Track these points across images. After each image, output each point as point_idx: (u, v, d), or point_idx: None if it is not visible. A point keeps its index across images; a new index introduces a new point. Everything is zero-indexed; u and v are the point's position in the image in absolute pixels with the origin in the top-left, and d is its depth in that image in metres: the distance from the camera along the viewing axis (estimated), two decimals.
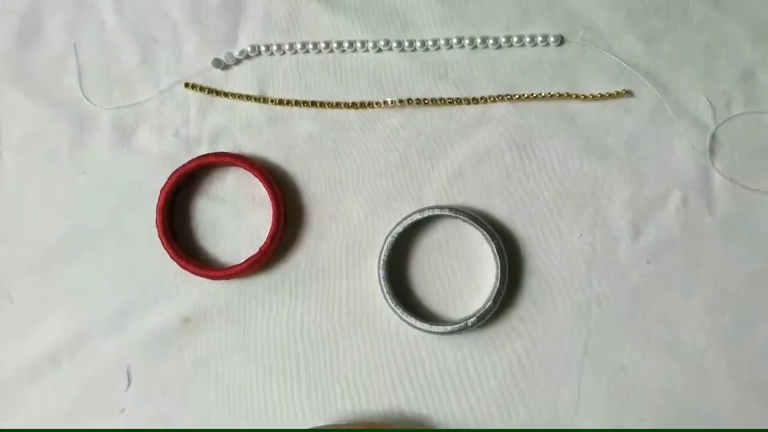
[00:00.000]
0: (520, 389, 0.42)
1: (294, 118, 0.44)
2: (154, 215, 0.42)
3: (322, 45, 0.44)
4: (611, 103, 0.43)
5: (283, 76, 0.44)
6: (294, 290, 0.43)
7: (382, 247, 0.42)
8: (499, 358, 0.42)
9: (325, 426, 0.41)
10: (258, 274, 0.43)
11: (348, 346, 0.42)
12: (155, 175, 0.43)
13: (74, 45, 0.45)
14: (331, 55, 0.44)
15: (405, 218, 0.42)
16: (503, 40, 0.43)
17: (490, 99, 0.43)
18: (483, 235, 0.41)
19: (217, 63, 0.44)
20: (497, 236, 0.41)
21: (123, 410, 0.43)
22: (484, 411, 0.42)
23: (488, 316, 0.41)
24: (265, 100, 0.44)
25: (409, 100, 0.43)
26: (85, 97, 0.44)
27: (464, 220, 0.41)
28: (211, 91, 0.44)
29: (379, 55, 0.44)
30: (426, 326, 0.41)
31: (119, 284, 0.43)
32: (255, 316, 0.43)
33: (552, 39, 0.43)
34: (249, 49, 0.44)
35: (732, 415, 0.41)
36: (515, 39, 0.43)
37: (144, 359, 0.43)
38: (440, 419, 0.42)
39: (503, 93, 0.43)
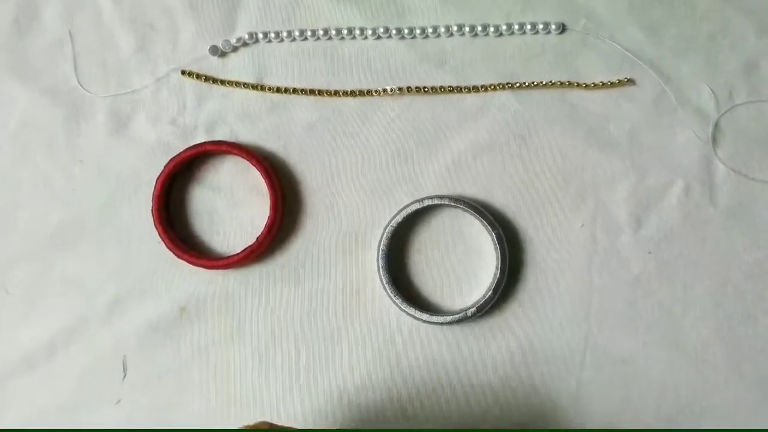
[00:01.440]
0: (519, 380, 0.41)
1: (292, 106, 0.43)
2: (150, 204, 0.42)
3: (321, 32, 0.43)
4: (613, 91, 0.42)
5: (281, 64, 0.43)
6: (292, 280, 0.42)
7: (381, 237, 0.41)
8: (499, 349, 0.41)
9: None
10: (255, 264, 0.43)
11: (346, 337, 0.42)
12: (151, 164, 0.43)
13: (70, 32, 0.44)
14: (329, 43, 0.43)
15: (404, 208, 0.41)
16: (504, 27, 0.43)
17: (490, 87, 0.43)
18: (483, 224, 0.41)
19: (215, 50, 0.43)
20: (497, 226, 0.41)
21: (119, 401, 0.42)
22: (483, 402, 0.41)
23: (488, 307, 0.41)
24: (262, 88, 0.43)
25: (408, 88, 0.43)
26: (81, 85, 0.44)
27: (464, 210, 0.41)
28: (208, 78, 0.43)
29: (378, 42, 0.43)
30: (425, 316, 0.41)
31: (115, 274, 0.43)
32: (252, 307, 0.42)
33: (553, 27, 0.42)
34: (246, 36, 0.43)
35: (734, 407, 0.40)
36: (516, 26, 0.42)
37: (140, 349, 0.43)
38: (439, 410, 0.41)
39: (504, 81, 0.43)
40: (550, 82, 0.42)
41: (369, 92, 0.43)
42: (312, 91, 0.43)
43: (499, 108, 0.43)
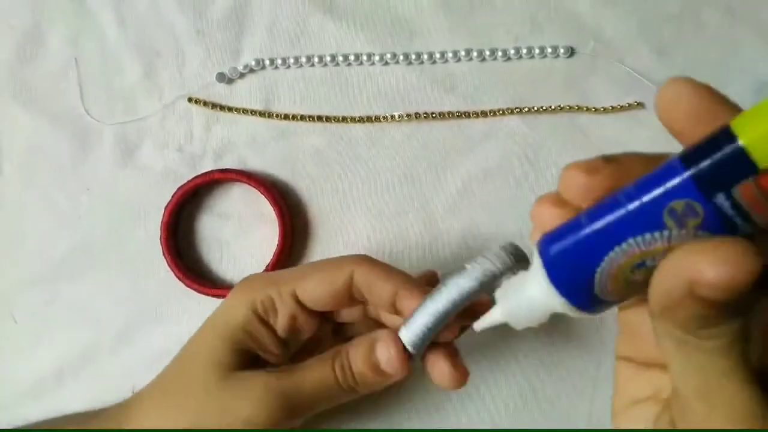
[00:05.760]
0: (533, 402, 0.41)
1: (300, 132, 0.43)
2: (159, 232, 0.42)
3: (328, 58, 0.43)
4: (623, 115, 0.42)
5: (288, 90, 0.43)
6: None
7: None
8: (512, 372, 0.41)
9: None
10: None
11: None
12: (159, 192, 0.43)
13: (75, 59, 0.44)
14: (336, 69, 0.43)
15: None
16: (512, 51, 0.42)
17: (498, 112, 0.42)
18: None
19: (221, 77, 0.43)
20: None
21: None
22: (495, 424, 0.41)
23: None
24: (270, 115, 0.43)
25: (416, 114, 0.42)
26: (87, 113, 0.44)
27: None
28: (215, 105, 0.43)
29: (385, 68, 0.43)
30: None
31: (123, 302, 0.43)
32: None
33: (562, 50, 0.42)
34: (253, 62, 0.43)
35: None
36: (524, 51, 0.42)
37: (149, 379, 0.42)
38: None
39: (512, 106, 0.42)
40: (559, 106, 0.42)
41: (377, 118, 0.43)
42: (320, 118, 0.43)
43: (508, 133, 0.42)
